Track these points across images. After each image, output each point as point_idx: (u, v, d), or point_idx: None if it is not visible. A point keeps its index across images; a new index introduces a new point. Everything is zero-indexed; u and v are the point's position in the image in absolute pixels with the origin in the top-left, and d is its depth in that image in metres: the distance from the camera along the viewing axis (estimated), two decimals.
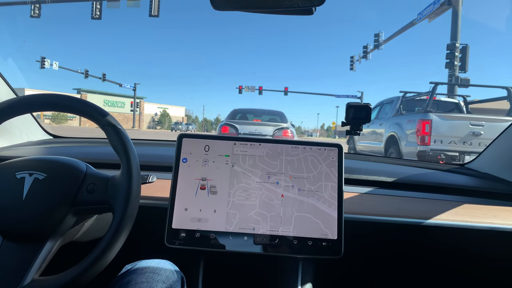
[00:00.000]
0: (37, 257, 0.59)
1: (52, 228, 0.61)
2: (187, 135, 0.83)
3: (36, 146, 1.22)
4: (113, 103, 48.66)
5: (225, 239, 0.77)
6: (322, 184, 0.81)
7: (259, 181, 0.80)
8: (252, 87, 26.23)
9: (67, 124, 39.23)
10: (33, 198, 0.61)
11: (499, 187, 1.03)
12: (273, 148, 0.83)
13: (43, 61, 24.50)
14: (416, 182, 1.04)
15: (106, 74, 28.97)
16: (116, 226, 0.60)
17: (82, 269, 0.58)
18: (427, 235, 0.92)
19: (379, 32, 17.51)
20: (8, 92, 1.15)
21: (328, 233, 0.78)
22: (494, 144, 1.18)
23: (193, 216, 0.78)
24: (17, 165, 0.65)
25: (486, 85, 7.87)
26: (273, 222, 0.78)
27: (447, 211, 0.89)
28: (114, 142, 0.66)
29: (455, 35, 9.87)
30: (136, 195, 0.64)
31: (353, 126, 1.00)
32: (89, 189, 0.65)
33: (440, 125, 5.31)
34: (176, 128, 42.96)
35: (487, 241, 0.92)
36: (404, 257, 1.06)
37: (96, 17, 15.01)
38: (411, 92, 6.80)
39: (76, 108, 0.67)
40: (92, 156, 1.10)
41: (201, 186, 0.80)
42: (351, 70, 20.31)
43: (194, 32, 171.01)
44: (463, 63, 9.64)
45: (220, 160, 0.81)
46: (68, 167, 0.67)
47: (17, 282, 0.56)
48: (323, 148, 0.83)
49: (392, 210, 0.89)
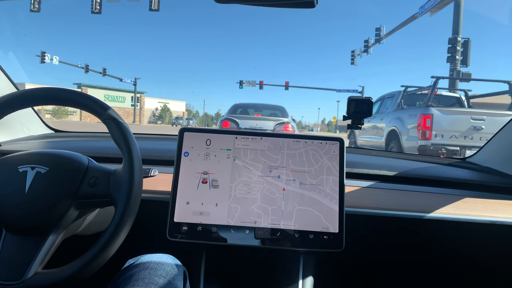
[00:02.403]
0: (40, 250, 0.60)
1: (54, 221, 0.62)
2: (188, 129, 0.83)
3: (38, 140, 1.22)
4: (113, 97, 48.51)
5: (227, 233, 0.77)
6: (324, 178, 0.81)
7: (261, 175, 0.81)
8: (253, 81, 26.12)
9: (68, 119, 39.15)
10: (36, 191, 0.61)
11: (500, 181, 1.03)
12: (275, 142, 0.83)
13: (43, 55, 24.40)
14: (417, 176, 1.04)
15: (107, 68, 28.91)
16: (118, 219, 0.61)
17: (85, 262, 0.58)
18: (428, 228, 0.92)
19: (380, 26, 17.41)
20: (9, 86, 1.15)
21: (329, 227, 0.78)
22: (496, 138, 1.17)
23: (195, 210, 0.78)
24: (19, 158, 0.65)
25: (488, 79, 7.85)
26: (275, 215, 0.78)
27: (448, 204, 0.89)
28: (115, 136, 0.66)
29: (457, 29, 9.81)
30: (138, 188, 0.64)
31: (354, 120, 1.00)
32: (91, 183, 0.65)
33: (441, 120, 5.30)
34: (176, 123, 42.66)
35: (488, 235, 0.92)
36: (405, 250, 1.06)
37: (96, 11, 14.92)
38: (412, 87, 6.77)
39: (78, 102, 0.67)
40: (94, 150, 1.10)
41: (203, 180, 0.80)
42: (352, 65, 20.21)
43: (194, 27, 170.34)
44: (465, 57, 9.58)
45: (221, 154, 0.81)
46: (70, 160, 0.67)
47: (21, 275, 0.57)
48: (325, 142, 0.83)
49: (393, 203, 0.89)
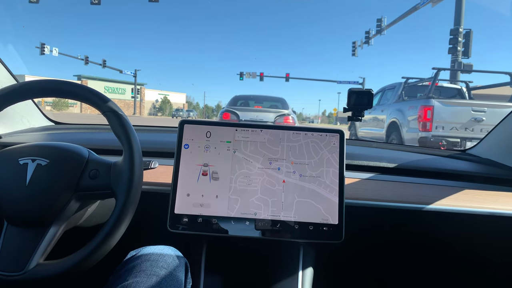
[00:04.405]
0: (42, 241, 0.60)
1: (55, 213, 0.62)
2: (188, 121, 0.83)
3: (38, 133, 1.22)
4: (113, 89, 48.35)
5: (227, 224, 0.78)
6: (324, 169, 0.81)
7: (261, 167, 0.81)
8: (253, 73, 25.99)
9: (68, 111, 39.09)
10: (36, 183, 0.62)
11: (499, 173, 1.03)
12: (275, 134, 0.83)
13: (43, 47, 24.22)
14: (417, 168, 1.04)
15: (107, 60, 28.72)
16: (118, 211, 0.61)
17: (86, 254, 0.58)
18: (427, 220, 0.93)
19: (381, 17, 17.26)
20: (9, 78, 1.15)
21: (329, 218, 0.78)
22: (496, 130, 1.17)
23: (195, 202, 0.78)
24: (20, 151, 0.65)
25: (489, 70, 7.81)
26: (275, 207, 0.79)
27: (447, 196, 0.90)
28: (115, 128, 0.66)
29: (459, 20, 9.71)
30: (138, 180, 0.64)
31: (355, 112, 0.99)
32: (92, 175, 0.65)
33: (442, 111, 5.28)
34: (177, 114, 42.49)
35: (487, 226, 0.92)
36: (405, 242, 1.07)
37: (95, 2, 14.75)
38: (413, 78, 6.74)
39: (78, 94, 0.67)
40: (94, 142, 1.10)
41: (203, 172, 0.80)
42: (353, 56, 20.10)
43: (195, 18, 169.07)
44: (466, 48, 9.51)
45: (221, 146, 0.81)
46: (71, 153, 0.67)
47: (22, 266, 0.57)
48: (325, 134, 0.83)
49: (393, 195, 0.89)
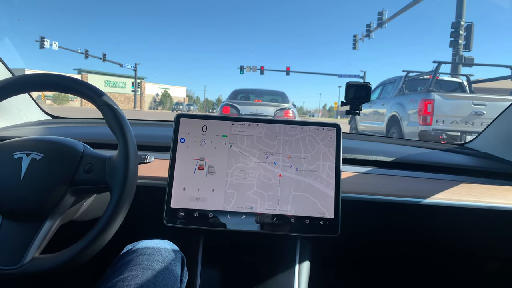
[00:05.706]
0: (37, 235, 0.60)
1: (50, 207, 0.62)
2: (184, 115, 0.82)
3: (34, 127, 1.22)
4: (114, 83, 48.26)
5: (224, 218, 0.78)
6: (320, 163, 0.81)
7: (257, 161, 0.80)
8: (254, 67, 25.89)
9: (69, 105, 39.06)
10: (31, 178, 0.62)
11: (497, 166, 1.03)
12: (271, 128, 0.82)
13: (43, 41, 24.14)
14: (415, 161, 1.04)
15: (107, 54, 28.60)
16: (113, 205, 0.61)
17: (81, 248, 0.59)
18: (425, 214, 0.93)
19: (382, 10, 17.13)
20: (5, 72, 1.14)
21: (325, 212, 0.78)
22: (494, 123, 1.17)
23: (192, 196, 0.78)
24: (14, 145, 0.65)
25: (490, 64, 7.77)
26: (271, 201, 0.79)
27: (444, 190, 0.89)
28: (110, 122, 0.66)
29: (460, 13, 9.65)
30: (133, 174, 0.64)
31: (352, 105, 0.99)
32: (87, 169, 0.65)
33: (442, 105, 5.27)
34: (177, 108, 42.34)
35: (485, 220, 0.92)
36: (402, 236, 1.07)
37: None
38: (414, 72, 6.71)
39: (73, 88, 0.66)
40: (90, 137, 1.10)
41: (199, 166, 0.80)
42: (354, 49, 20.01)
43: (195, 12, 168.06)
44: (468, 41, 9.47)
45: (218, 140, 0.81)
46: (65, 147, 0.67)
47: (18, 260, 0.57)
48: (321, 128, 0.83)
49: (390, 189, 0.89)
